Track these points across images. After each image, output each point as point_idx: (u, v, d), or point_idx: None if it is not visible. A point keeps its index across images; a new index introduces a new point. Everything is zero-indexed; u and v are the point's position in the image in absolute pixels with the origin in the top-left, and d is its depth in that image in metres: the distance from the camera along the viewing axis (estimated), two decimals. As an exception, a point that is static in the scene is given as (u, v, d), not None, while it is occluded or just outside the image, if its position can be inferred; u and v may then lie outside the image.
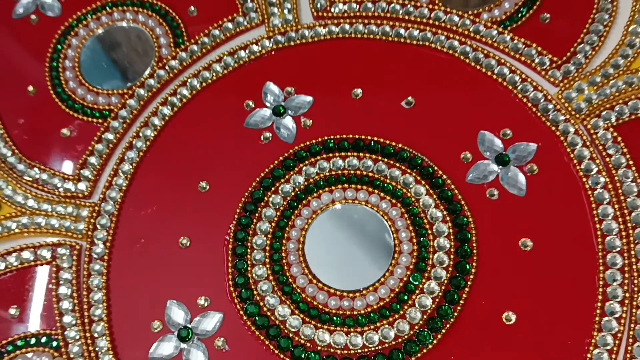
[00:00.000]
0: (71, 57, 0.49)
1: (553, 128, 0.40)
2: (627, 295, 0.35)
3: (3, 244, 0.43)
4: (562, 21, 0.44)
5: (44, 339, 0.39)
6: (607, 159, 0.39)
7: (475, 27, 0.44)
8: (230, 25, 0.47)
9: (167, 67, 0.46)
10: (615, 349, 0.35)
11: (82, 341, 0.38)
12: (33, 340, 0.39)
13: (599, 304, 0.35)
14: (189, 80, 0.46)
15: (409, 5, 0.45)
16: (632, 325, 0.35)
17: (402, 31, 0.44)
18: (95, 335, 0.38)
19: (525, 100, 0.41)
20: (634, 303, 0.35)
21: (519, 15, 0.44)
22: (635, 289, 0.35)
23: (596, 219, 0.38)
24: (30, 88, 0.48)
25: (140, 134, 0.44)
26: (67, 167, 0.44)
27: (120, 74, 0.48)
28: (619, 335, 0.35)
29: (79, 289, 0.40)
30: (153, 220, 0.41)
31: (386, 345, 0.36)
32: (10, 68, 0.50)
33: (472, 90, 0.42)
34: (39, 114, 0.47)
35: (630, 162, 0.39)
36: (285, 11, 0.47)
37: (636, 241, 0.37)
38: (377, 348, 0.36)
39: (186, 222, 0.41)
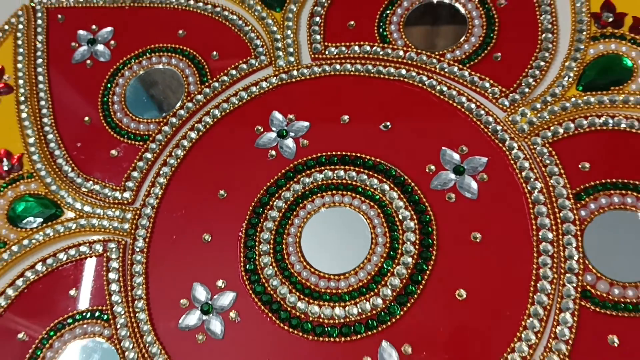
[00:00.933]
0: (118, 93, 0.55)
1: (500, 145, 0.47)
2: (555, 276, 0.42)
3: (66, 241, 0.50)
4: (511, 59, 0.50)
5: (97, 314, 0.47)
6: (543, 169, 0.46)
7: (440, 65, 0.51)
8: (244, 66, 0.54)
9: (194, 100, 0.53)
10: (544, 318, 0.41)
11: (126, 315, 0.46)
12: (88, 315, 0.47)
13: (532, 283, 0.43)
14: (212, 110, 0.52)
15: (387, 49, 0.53)
16: (559, 300, 0.42)
17: (381, 69, 0.51)
18: (137, 310, 0.46)
19: (479, 123, 0.48)
20: (560, 282, 0.42)
21: (476, 55, 0.52)
22: (562, 271, 0.43)
23: (532, 216, 0.44)
24: (86, 118, 0.55)
25: (173, 154, 0.51)
26: (115, 180, 0.51)
27: (157, 107, 0.55)
28: (548, 307, 0.42)
29: (124, 274, 0.48)
30: (182, 221, 0.49)
31: (364, 316, 0.43)
32: (70, 103, 0.56)
33: (437, 116, 0.49)
34: (93, 139, 0.54)
35: (562, 171, 0.45)
36: (289, 54, 0.54)
37: (563, 234, 0.44)
38: (356, 318, 0.43)
39: (208, 222, 0.48)
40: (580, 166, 0.45)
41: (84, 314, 0.46)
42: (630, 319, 0.40)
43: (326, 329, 0.43)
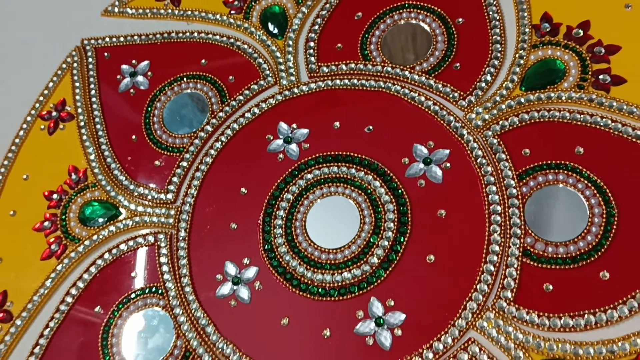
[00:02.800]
0: (157, 114, 0.65)
1: (460, 139, 0.56)
2: (503, 240, 0.51)
3: (125, 235, 0.60)
4: (467, 68, 0.58)
5: (153, 289, 0.57)
6: (493, 156, 0.55)
7: (411, 76, 0.59)
8: (255, 86, 0.63)
9: (217, 117, 0.63)
10: (494, 273, 0.50)
11: (175, 288, 0.56)
12: (147, 290, 0.57)
13: (485, 246, 0.52)
14: (231, 124, 0.62)
15: (368, 65, 0.62)
16: (506, 258, 0.51)
17: (364, 82, 0.60)
18: (183, 284, 0.56)
19: (442, 122, 0.57)
20: (507, 245, 0.52)
21: (439, 66, 0.60)
22: (508, 236, 0.51)
23: (485, 194, 0.53)
24: (133, 137, 0.64)
25: (203, 161, 0.61)
26: (160, 184, 0.61)
27: (188, 124, 0.64)
28: (497, 264, 0.50)
29: (172, 258, 0.58)
30: (213, 214, 0.59)
31: (356, 279, 0.53)
32: (120, 125, 0.66)
33: (409, 118, 0.58)
34: (140, 153, 0.63)
35: (508, 157, 0.54)
36: (290, 75, 0.63)
37: (509, 207, 0.52)
38: (350, 281, 0.53)
39: (234, 213, 0.58)
40: (522, 152, 0.53)
41: (144, 289, 0.57)
42: (561, 271, 0.49)
43: (328, 291, 0.53)
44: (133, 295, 0.57)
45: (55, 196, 0.63)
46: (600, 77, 0.54)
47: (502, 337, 0.48)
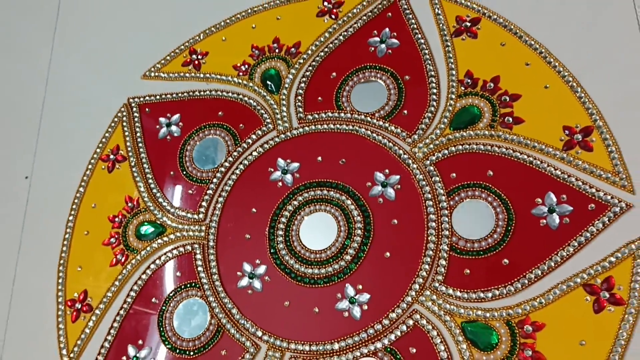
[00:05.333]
0: (188, 155, 0.81)
1: (406, 167, 0.73)
2: (436, 239, 0.69)
3: (170, 245, 0.77)
4: (413, 113, 0.74)
5: (192, 284, 0.76)
6: (430, 179, 0.73)
7: (372, 121, 0.76)
8: (259, 132, 0.79)
9: (232, 156, 0.79)
10: (431, 263, 0.69)
11: (208, 283, 0.76)
12: (188, 285, 0.75)
13: (424, 245, 0.69)
14: (243, 161, 0.78)
15: (341, 113, 0.79)
16: (439, 252, 0.70)
17: (338, 126, 0.76)
18: (214, 279, 0.75)
19: (394, 154, 0.73)
20: (440, 243, 0.70)
21: (392, 112, 0.76)
22: (440, 236, 0.69)
23: (424, 207, 0.71)
24: (172, 172, 0.80)
25: (224, 189, 0.78)
26: (193, 208, 0.79)
27: (212, 161, 0.80)
28: (432, 257, 0.69)
29: (205, 261, 0.77)
30: (233, 228, 0.76)
31: (335, 271, 0.71)
32: (161, 163, 0.82)
33: (371, 152, 0.74)
34: (178, 184, 0.80)
35: (440, 180, 0.71)
36: (284, 122, 0.79)
37: (441, 215, 0.69)
38: (331, 273, 0.70)
39: (247, 227, 0.75)
40: (451, 176, 0.71)
41: (186, 285, 0.75)
42: (476, 260, 0.67)
43: (316, 281, 0.71)
44: (178, 289, 0.76)
45: (117, 219, 0.81)
46: (506, 118, 0.72)
47: (436, 307, 0.67)
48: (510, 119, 0.72)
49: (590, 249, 0.65)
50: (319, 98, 0.80)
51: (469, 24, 0.78)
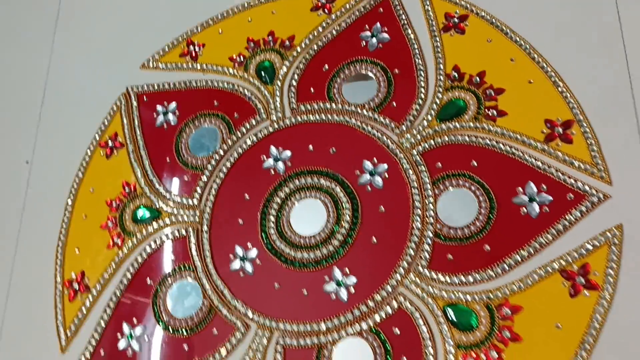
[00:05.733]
0: (184, 142, 0.83)
1: (394, 156, 0.75)
2: (421, 226, 0.72)
3: (165, 229, 0.80)
4: (401, 105, 0.76)
5: (186, 266, 0.78)
6: (417, 168, 0.75)
7: (362, 112, 0.79)
8: (253, 121, 0.81)
9: (226, 144, 0.82)
10: (413, 248, 0.72)
11: (201, 265, 0.78)
12: (182, 267, 0.78)
13: (410, 230, 0.72)
14: (237, 149, 0.80)
15: (332, 104, 0.82)
16: (424, 238, 0.72)
17: (329, 116, 0.79)
18: (207, 262, 0.78)
19: (383, 144, 0.76)
20: (424, 229, 0.72)
21: (382, 104, 0.78)
22: (425, 222, 0.72)
23: (410, 194, 0.74)
24: (167, 159, 0.83)
25: (217, 176, 0.81)
26: (188, 193, 0.80)
27: (206, 149, 0.82)
28: (417, 242, 0.72)
29: (198, 244, 0.79)
30: (226, 214, 0.78)
31: (324, 255, 0.74)
32: (157, 151, 0.84)
33: (360, 142, 0.76)
34: (174, 170, 0.82)
35: (426, 169, 0.74)
36: (277, 112, 0.82)
37: (427, 203, 0.72)
38: (320, 257, 0.73)
39: (240, 213, 0.77)
40: (436, 165, 0.73)
41: (180, 267, 0.78)
42: (459, 246, 0.69)
43: (305, 264, 0.74)
44: (172, 271, 0.78)
45: (114, 203, 0.84)
46: (490, 111, 0.74)
47: (419, 290, 0.69)
48: (495, 112, 0.74)
49: (568, 236, 0.67)
50: (312, 89, 0.82)
51: (457, 20, 0.80)
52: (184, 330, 0.74)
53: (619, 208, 0.67)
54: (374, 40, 0.82)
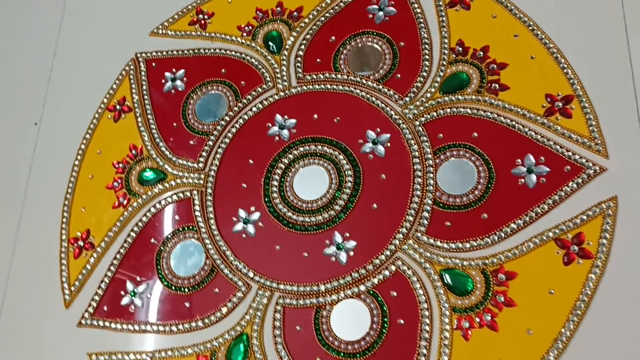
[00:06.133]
0: (191, 108, 0.84)
1: (397, 126, 0.77)
2: (421, 194, 0.74)
3: (170, 191, 0.82)
4: (406, 77, 0.78)
5: (190, 227, 0.80)
6: (419, 138, 0.77)
7: (367, 83, 0.80)
8: (259, 89, 0.82)
9: (233, 110, 0.83)
10: (414, 214, 0.73)
11: (204, 226, 0.80)
12: (185, 228, 0.80)
13: (409, 198, 0.73)
14: (242, 116, 0.82)
15: (338, 75, 0.84)
16: (423, 205, 0.74)
17: (335, 87, 0.80)
18: (210, 224, 0.79)
19: (386, 115, 0.78)
20: (424, 197, 0.74)
21: (387, 76, 0.81)
22: (425, 190, 0.73)
23: (411, 163, 0.76)
24: (175, 124, 0.84)
25: (223, 141, 0.83)
26: (193, 157, 0.82)
27: (213, 115, 0.83)
28: (416, 209, 0.73)
29: (202, 206, 0.81)
30: (230, 178, 0.80)
31: (325, 220, 0.76)
32: (165, 115, 0.85)
33: (364, 112, 0.77)
34: (179, 135, 0.83)
35: (428, 140, 0.76)
36: (283, 80, 0.83)
37: (427, 172, 0.73)
38: (322, 221, 0.76)
39: (244, 177, 0.79)
40: (438, 136, 0.74)
41: (184, 227, 0.79)
42: (457, 213, 0.70)
43: (307, 228, 0.75)
44: (176, 231, 0.79)
45: (120, 165, 0.85)
46: (492, 85, 0.76)
47: (417, 255, 0.70)
48: (497, 86, 0.75)
49: (564, 207, 0.68)
50: (318, 60, 0.84)
51: (463, -4, 0.82)
52: (186, 288, 0.76)
53: (615, 181, 0.68)
54: (381, 13, 0.83)
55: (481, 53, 0.78)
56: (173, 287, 0.76)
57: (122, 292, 0.78)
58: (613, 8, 0.74)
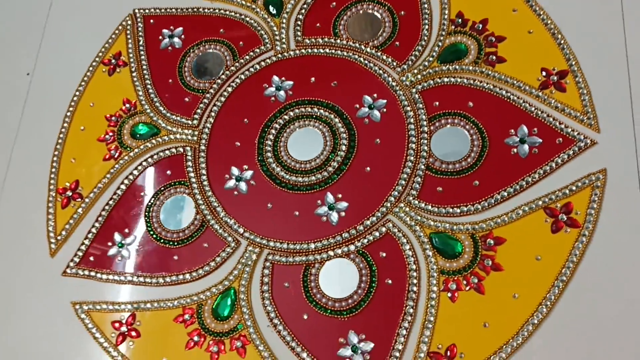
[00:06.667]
0: (188, 66, 0.84)
1: (393, 92, 0.77)
2: (414, 159, 0.74)
3: (163, 146, 0.81)
4: (404, 46, 0.78)
5: (181, 182, 0.79)
6: (415, 105, 0.77)
7: (365, 49, 0.80)
8: (257, 50, 0.82)
9: (229, 70, 0.83)
10: (407, 178, 0.73)
11: (196, 182, 0.80)
12: (176, 182, 0.79)
13: (403, 162, 0.74)
14: (240, 75, 0.82)
15: (338, 40, 0.84)
16: (415, 170, 0.74)
17: (333, 51, 0.81)
18: (202, 179, 0.79)
19: (383, 81, 0.78)
20: (417, 162, 0.74)
21: (385, 43, 0.81)
22: (418, 156, 0.74)
23: (407, 129, 0.76)
24: (170, 80, 0.83)
25: (219, 99, 0.82)
26: (187, 114, 0.81)
27: (210, 74, 0.83)
28: (409, 173, 0.74)
29: (195, 162, 0.80)
30: (224, 136, 0.80)
31: (317, 181, 0.76)
32: (160, 72, 0.84)
33: (362, 77, 0.78)
34: (175, 92, 0.82)
35: (424, 107, 0.76)
36: (282, 43, 0.83)
37: (421, 139, 0.74)
38: (314, 182, 0.76)
39: (238, 136, 0.79)
40: (434, 104, 0.75)
41: (175, 182, 0.78)
42: (449, 179, 0.71)
43: (299, 188, 0.76)
44: (167, 185, 0.79)
45: (113, 118, 0.84)
46: (490, 57, 0.76)
47: (408, 218, 0.71)
48: (494, 57, 0.76)
49: (554, 177, 0.69)
50: (318, 24, 0.84)
51: (464, -30, 0.82)
52: (174, 242, 0.76)
53: (605, 154, 0.69)
54: (383, -18, 0.84)
55: (480, 25, 0.78)
56: (162, 240, 0.76)
57: (110, 243, 0.77)
58: (611, -13, 0.76)
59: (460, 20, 0.79)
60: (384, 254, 0.70)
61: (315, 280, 0.71)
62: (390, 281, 0.69)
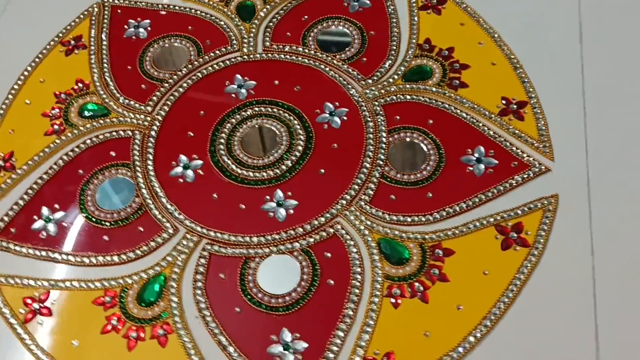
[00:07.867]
0: (149, 56, 0.83)
1: (356, 103, 0.79)
2: (369, 166, 0.75)
3: (111, 128, 0.79)
4: (371, 62, 0.81)
5: (124, 164, 0.77)
6: (375, 117, 0.78)
7: (330, 60, 0.84)
8: (224, 49, 0.84)
9: (194, 63, 0.83)
10: (365, 179, 0.73)
11: (141, 166, 0.77)
12: (120, 164, 0.76)
13: (358, 168, 0.74)
14: (202, 70, 0.82)
15: (305, 49, 0.86)
16: (370, 177, 0.74)
17: (299, 59, 0.83)
18: (147, 164, 0.76)
19: (347, 92, 0.79)
20: (372, 175, 0.74)
21: (353, 58, 0.83)
22: (374, 164, 0.74)
23: (365, 137, 0.77)
24: (129, 67, 0.82)
25: (177, 90, 0.81)
26: (142, 100, 0.80)
27: (172, 65, 0.82)
28: (364, 178, 0.74)
29: (142, 146, 0.78)
30: (179, 124, 0.78)
31: (268, 177, 0.74)
32: (121, 58, 0.83)
33: (326, 86, 0.79)
34: (132, 79, 0.82)
35: (384, 119, 0.78)
36: (250, 46, 0.85)
37: (379, 148, 0.74)
38: (266, 178, 0.74)
39: (192, 126, 0.78)
40: (395, 118, 0.76)
41: (117, 163, 0.76)
42: (403, 189, 0.71)
43: (250, 182, 0.74)
44: (109, 166, 0.76)
45: (63, 95, 0.81)
46: (453, 81, 0.79)
47: (358, 222, 0.70)
48: (457, 82, 0.79)
49: (507, 198, 0.70)
50: (288, 33, 0.85)
51: (435, 2, 0.86)
52: (107, 222, 0.72)
53: (557, 182, 0.71)
54: (356, 3, 0.87)
55: (446, 52, 0.81)
56: (93, 219, 0.72)
57: (35, 217, 0.72)
58: (570, 27, 0.81)
59: (427, 45, 0.82)
60: (329, 255, 0.68)
61: (254, 274, 0.67)
62: (332, 282, 0.66)
